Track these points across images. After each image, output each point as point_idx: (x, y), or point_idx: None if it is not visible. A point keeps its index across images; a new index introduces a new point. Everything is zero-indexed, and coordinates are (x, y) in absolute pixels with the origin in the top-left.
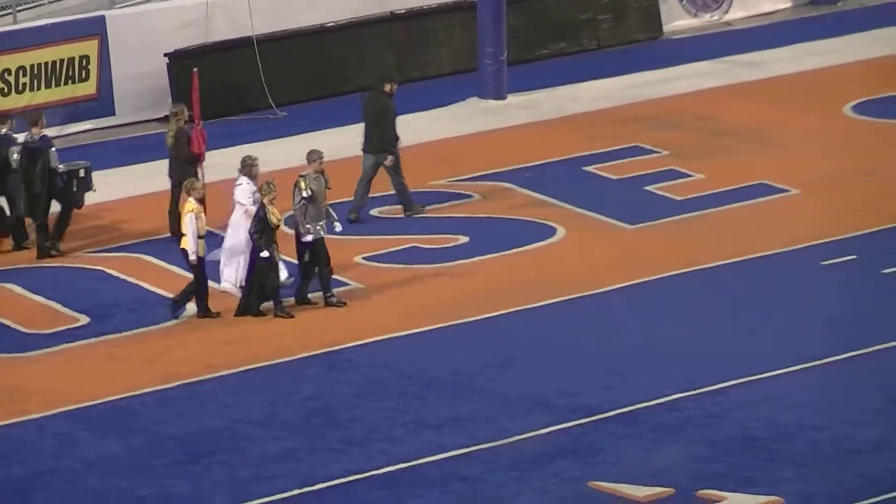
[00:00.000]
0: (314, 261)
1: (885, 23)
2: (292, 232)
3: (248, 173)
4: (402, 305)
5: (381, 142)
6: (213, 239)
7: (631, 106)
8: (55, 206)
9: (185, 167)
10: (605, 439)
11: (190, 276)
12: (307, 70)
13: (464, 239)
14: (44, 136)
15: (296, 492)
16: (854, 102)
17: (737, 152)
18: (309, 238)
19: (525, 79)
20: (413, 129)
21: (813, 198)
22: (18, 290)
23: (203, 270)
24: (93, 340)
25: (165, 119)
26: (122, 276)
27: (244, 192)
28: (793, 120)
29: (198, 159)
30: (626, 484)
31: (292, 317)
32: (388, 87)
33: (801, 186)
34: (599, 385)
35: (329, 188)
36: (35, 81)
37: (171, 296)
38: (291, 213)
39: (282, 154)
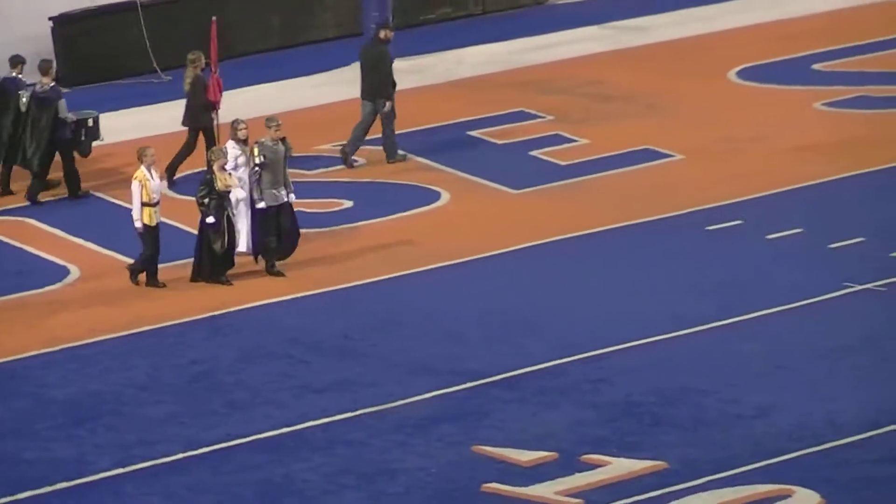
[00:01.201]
0: (261, 227)
1: None
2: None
3: (234, 136)
4: (286, 270)
5: (378, 88)
6: None
7: (516, 71)
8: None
9: (200, 113)
10: (489, 404)
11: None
12: (192, 34)
13: (348, 203)
14: (54, 85)
15: (180, 455)
16: (738, 68)
17: (622, 117)
18: (262, 205)
19: (410, 44)
20: (297, 93)
21: (698, 163)
22: None
23: (151, 238)
24: None
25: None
26: (6, 240)
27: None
28: (678, 85)
29: (213, 106)
30: (511, 448)
31: (230, 284)
32: (382, 34)
33: (685, 152)
34: (484, 350)
35: (290, 155)
36: None
37: (54, 259)
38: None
39: (166, 118)
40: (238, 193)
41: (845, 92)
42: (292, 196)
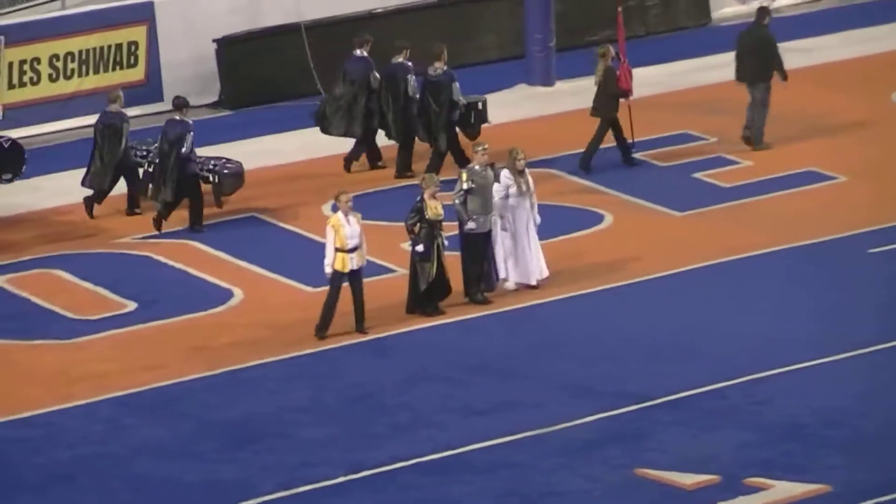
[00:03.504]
0: (467, 253)
1: None
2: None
3: (511, 166)
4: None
5: (764, 70)
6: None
7: (679, 92)
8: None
9: (613, 102)
10: (652, 426)
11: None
12: None
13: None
14: (447, 69)
15: (342, 479)
16: None
17: (785, 139)
18: (471, 226)
19: (573, 65)
20: None
21: (861, 185)
22: (66, 276)
23: (333, 286)
24: (140, 326)
25: (214, 105)
26: (170, 262)
27: (499, 184)
28: (841, 107)
29: (626, 94)
30: (673, 471)
31: (443, 313)
32: (766, 21)
33: (848, 173)
34: (647, 372)
35: (499, 181)
36: (83, 67)
37: (218, 281)
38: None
39: (329, 140)
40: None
41: None
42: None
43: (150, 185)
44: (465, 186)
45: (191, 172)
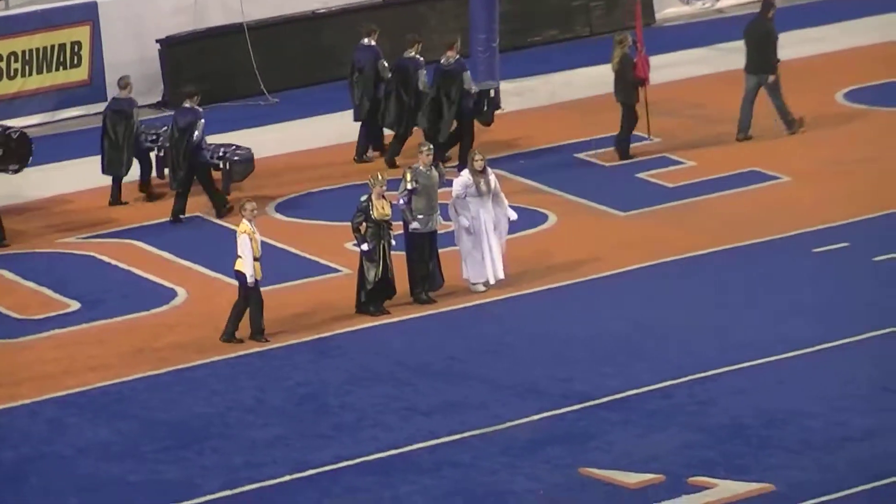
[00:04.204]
0: (412, 253)
1: (876, 10)
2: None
3: (470, 167)
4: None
5: (763, 62)
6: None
7: None
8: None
9: (630, 90)
10: (596, 426)
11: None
12: (299, 56)
13: (454, 225)
14: (459, 58)
15: (286, 478)
16: (846, 90)
17: (728, 140)
18: (415, 225)
19: (517, 65)
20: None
21: (804, 185)
22: (10, 275)
23: (258, 293)
24: (84, 326)
25: (158, 105)
26: (114, 262)
27: (456, 183)
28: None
29: (642, 82)
30: (617, 470)
31: (388, 313)
32: (770, 13)
33: (792, 174)
34: (591, 372)
35: (445, 179)
36: (27, 67)
37: (161, 281)
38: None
39: (273, 140)
40: (462, 222)
41: None
42: (440, 219)
43: (167, 172)
44: (409, 186)
45: (202, 160)
